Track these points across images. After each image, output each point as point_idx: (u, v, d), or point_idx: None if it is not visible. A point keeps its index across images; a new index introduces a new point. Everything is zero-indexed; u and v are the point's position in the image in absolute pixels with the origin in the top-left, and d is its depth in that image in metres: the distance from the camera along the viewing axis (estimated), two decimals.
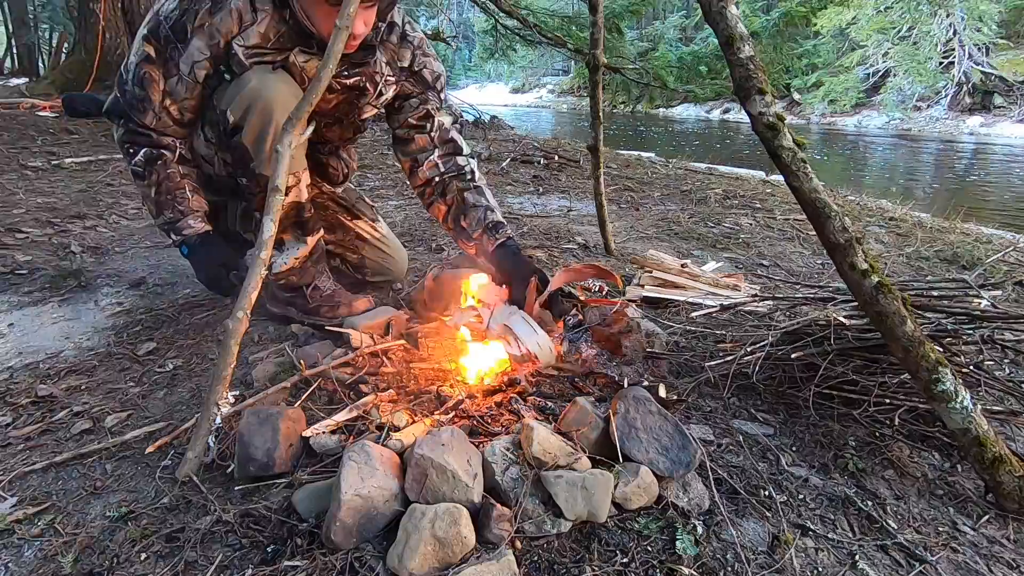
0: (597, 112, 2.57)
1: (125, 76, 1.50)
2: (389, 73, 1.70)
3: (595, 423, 1.14)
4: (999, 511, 1.16)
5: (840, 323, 1.43)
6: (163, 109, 1.51)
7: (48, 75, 9.47)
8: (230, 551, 0.97)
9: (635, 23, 22.17)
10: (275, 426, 1.12)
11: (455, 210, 1.81)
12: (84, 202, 3.14)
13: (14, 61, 14.58)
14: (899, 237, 3.30)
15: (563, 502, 1.00)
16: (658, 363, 1.61)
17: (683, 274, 2.14)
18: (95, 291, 2.05)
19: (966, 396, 1.13)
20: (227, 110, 1.48)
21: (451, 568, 0.90)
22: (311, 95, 1.24)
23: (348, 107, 1.70)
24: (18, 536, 1.02)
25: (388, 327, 1.61)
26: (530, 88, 33.50)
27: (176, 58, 1.46)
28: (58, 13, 13.50)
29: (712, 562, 0.98)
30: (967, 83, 15.75)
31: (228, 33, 1.45)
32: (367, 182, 4.08)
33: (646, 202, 3.87)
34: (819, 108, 18.35)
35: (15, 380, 1.50)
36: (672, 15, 26.01)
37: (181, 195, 1.58)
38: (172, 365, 1.57)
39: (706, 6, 1.19)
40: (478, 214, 1.77)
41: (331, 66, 1.22)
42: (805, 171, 1.16)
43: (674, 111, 22.53)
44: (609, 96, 23.58)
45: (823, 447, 1.31)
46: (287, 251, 1.67)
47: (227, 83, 1.49)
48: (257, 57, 1.48)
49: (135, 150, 1.54)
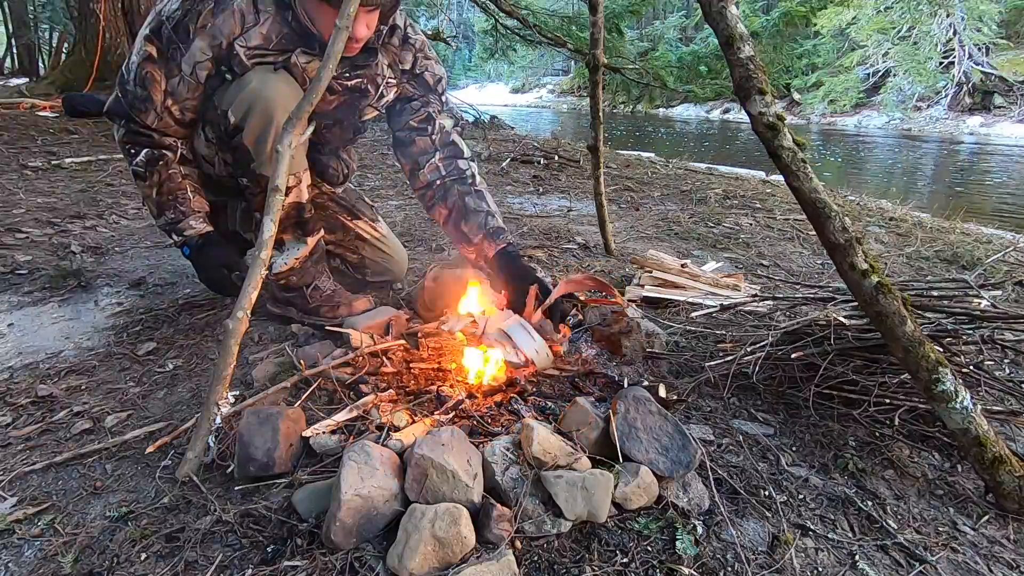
0: (597, 112, 2.57)
1: (127, 76, 1.50)
2: (390, 75, 1.71)
3: (595, 423, 1.14)
4: (999, 511, 1.16)
5: (840, 323, 1.43)
6: (165, 109, 1.50)
7: (48, 75, 9.48)
8: (230, 551, 0.97)
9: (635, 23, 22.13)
10: (275, 426, 1.12)
11: (456, 214, 1.81)
12: (84, 202, 3.14)
13: (14, 61, 14.58)
14: (899, 237, 3.30)
15: (563, 502, 1.00)
16: (658, 363, 1.61)
17: (683, 274, 2.14)
18: (95, 291, 2.05)
19: (966, 396, 1.13)
20: (228, 110, 1.48)
21: (451, 568, 0.90)
22: (311, 95, 1.24)
23: (349, 108, 1.70)
24: (18, 536, 1.02)
25: (388, 327, 1.61)
26: (530, 88, 33.50)
27: (178, 58, 1.46)
28: (58, 13, 13.49)
29: (712, 562, 0.98)
30: (967, 83, 15.75)
31: (230, 34, 1.45)
32: (367, 182, 4.08)
33: (646, 202, 3.87)
34: (819, 108, 18.36)
35: (15, 380, 1.50)
36: (672, 15, 26.01)
37: (182, 196, 1.58)
38: (172, 365, 1.58)
39: (706, 6, 1.19)
40: (479, 219, 1.78)
41: (331, 66, 1.22)
42: (805, 171, 1.16)
43: (674, 111, 22.54)
44: (609, 96, 23.58)
45: (823, 447, 1.31)
46: (287, 251, 1.67)
47: (228, 83, 1.49)
48: (258, 58, 1.49)
49: (136, 150, 1.54)
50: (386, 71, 1.69)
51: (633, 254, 2.55)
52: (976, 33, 15.21)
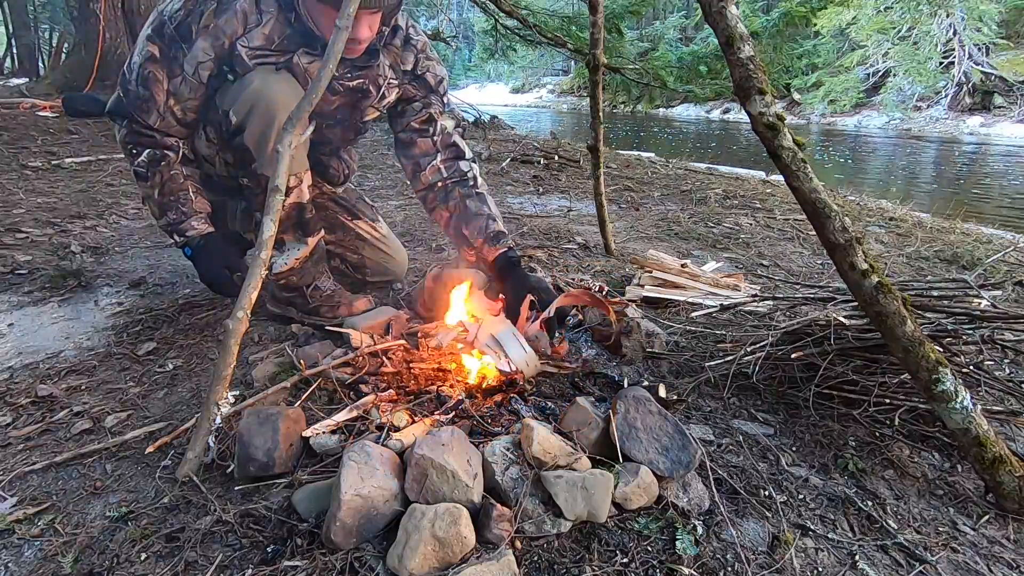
0: (597, 112, 2.57)
1: (128, 76, 1.50)
2: (392, 76, 1.71)
3: (595, 423, 1.14)
4: (999, 511, 1.16)
5: (840, 323, 1.43)
6: (167, 109, 1.51)
7: (48, 75, 9.46)
8: (230, 551, 0.97)
9: (635, 23, 22.11)
10: (275, 426, 1.12)
11: (457, 218, 1.81)
12: (84, 202, 3.14)
13: (14, 61, 14.57)
14: (899, 237, 3.30)
15: (563, 502, 1.00)
16: (658, 363, 1.61)
17: (683, 274, 2.14)
18: (95, 291, 2.05)
19: (966, 396, 1.13)
20: (230, 111, 1.48)
21: (451, 568, 0.90)
22: (311, 95, 1.24)
23: (350, 109, 1.71)
24: (18, 536, 1.02)
25: (388, 327, 1.61)
26: (530, 88, 33.49)
27: (180, 58, 1.46)
28: (58, 13, 13.49)
29: (712, 562, 0.98)
30: (967, 83, 15.74)
31: (233, 34, 1.45)
32: (367, 182, 4.08)
33: (646, 202, 3.87)
34: (819, 108, 18.34)
35: (15, 380, 1.50)
36: (672, 15, 25.98)
37: (184, 196, 1.57)
38: (172, 365, 1.58)
39: (706, 6, 1.19)
40: (480, 223, 1.78)
41: (331, 66, 1.22)
42: (805, 171, 1.16)
43: (674, 111, 22.52)
44: (609, 96, 23.57)
45: (823, 447, 1.31)
46: (288, 252, 1.67)
47: (230, 83, 1.49)
48: (260, 58, 1.49)
49: (138, 151, 1.54)
50: (388, 72, 1.68)
51: (633, 254, 2.55)
52: (976, 33, 15.19)
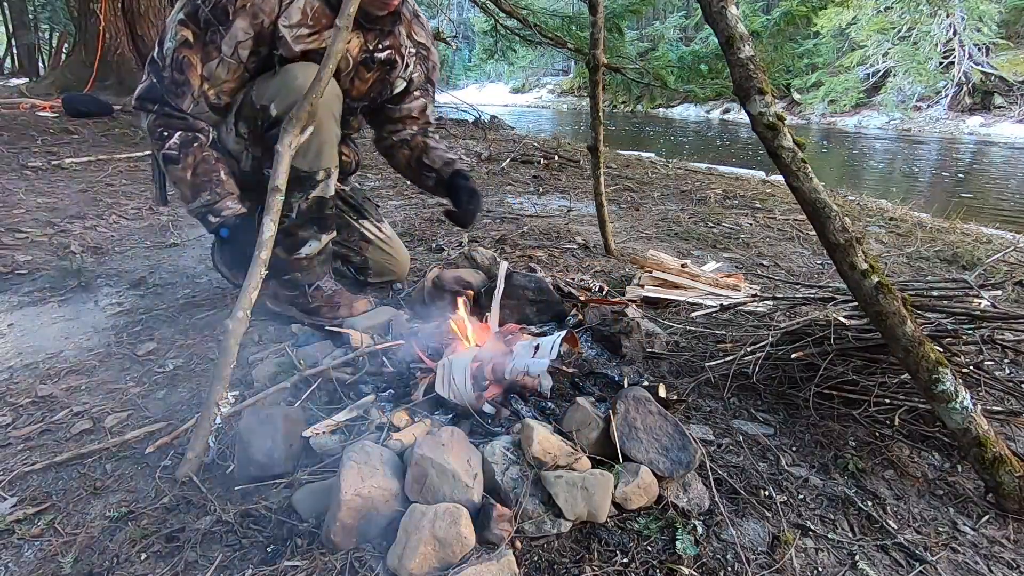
0: (597, 112, 2.57)
1: (161, 63, 1.48)
2: (410, 45, 1.77)
3: (595, 423, 1.14)
4: (999, 511, 1.16)
5: (840, 323, 1.43)
6: (201, 94, 1.50)
7: (48, 75, 9.47)
8: (230, 551, 0.97)
9: (635, 23, 22.14)
10: (275, 426, 1.12)
11: (418, 151, 1.92)
12: (84, 202, 3.14)
13: (14, 61, 14.58)
14: (899, 237, 3.30)
15: (563, 502, 1.00)
16: (658, 363, 1.61)
17: (683, 274, 2.14)
18: (95, 291, 2.05)
19: (966, 396, 1.13)
20: (270, 104, 1.50)
21: (451, 568, 0.90)
22: (312, 95, 1.24)
23: (381, 84, 1.76)
24: (18, 536, 1.02)
25: (388, 327, 1.61)
26: (530, 88, 33.50)
27: (217, 41, 1.46)
28: (58, 13, 13.50)
29: (712, 562, 0.98)
30: (967, 83, 15.74)
31: (271, 11, 1.46)
32: (367, 182, 4.08)
33: (646, 202, 3.87)
34: (819, 108, 18.34)
35: (15, 380, 1.50)
36: (672, 15, 25.99)
37: (217, 178, 1.55)
38: (172, 365, 1.58)
39: (706, 6, 1.19)
40: (439, 152, 1.92)
41: (331, 66, 1.23)
42: (805, 171, 1.16)
43: (674, 111, 22.52)
44: (609, 96, 23.60)
45: (823, 447, 1.31)
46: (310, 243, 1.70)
47: (270, 76, 1.51)
48: (303, 41, 1.51)
49: (169, 133, 1.51)
50: (406, 41, 1.75)
51: (633, 254, 2.55)
52: (976, 33, 15.19)
